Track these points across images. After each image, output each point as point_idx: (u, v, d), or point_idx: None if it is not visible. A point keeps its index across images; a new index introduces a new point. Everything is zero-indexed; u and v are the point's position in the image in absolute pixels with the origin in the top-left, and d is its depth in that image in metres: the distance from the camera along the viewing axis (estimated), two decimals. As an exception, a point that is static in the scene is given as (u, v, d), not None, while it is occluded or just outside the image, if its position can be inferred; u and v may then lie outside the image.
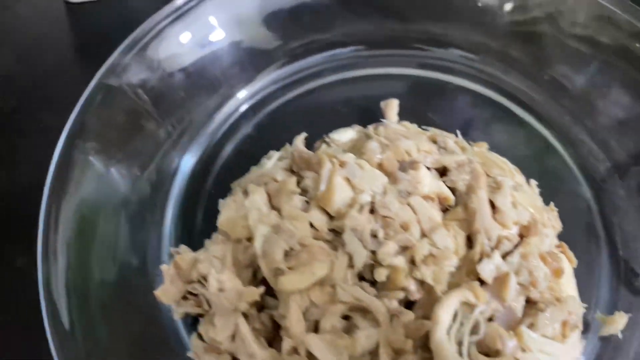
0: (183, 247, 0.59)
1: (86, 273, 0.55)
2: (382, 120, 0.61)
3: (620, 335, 0.55)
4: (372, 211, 0.49)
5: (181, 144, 0.68)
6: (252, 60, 0.74)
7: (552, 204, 0.56)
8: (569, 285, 0.52)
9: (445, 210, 0.51)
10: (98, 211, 0.58)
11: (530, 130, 0.70)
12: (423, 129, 0.60)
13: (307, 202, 0.51)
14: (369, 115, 0.71)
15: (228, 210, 0.54)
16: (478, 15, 0.73)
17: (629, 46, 0.66)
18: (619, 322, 0.55)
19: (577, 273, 0.56)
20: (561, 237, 0.58)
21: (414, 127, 0.59)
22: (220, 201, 0.57)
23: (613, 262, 0.62)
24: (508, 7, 0.73)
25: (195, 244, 0.62)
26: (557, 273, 0.49)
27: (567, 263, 0.53)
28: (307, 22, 0.76)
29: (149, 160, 0.65)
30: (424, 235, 0.48)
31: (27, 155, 0.72)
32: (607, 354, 0.57)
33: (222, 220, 0.54)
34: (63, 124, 0.72)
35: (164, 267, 0.57)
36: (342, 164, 0.50)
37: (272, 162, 0.56)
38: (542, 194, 0.60)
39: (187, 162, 0.68)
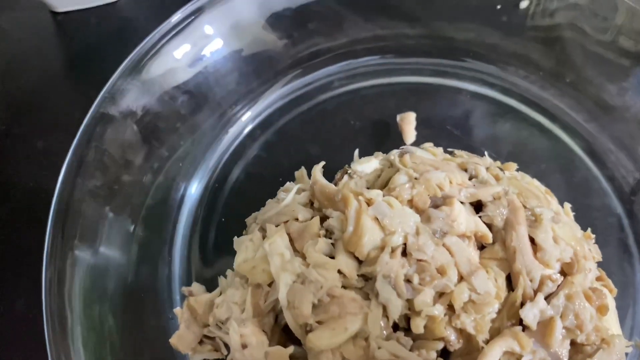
0: (196, 286, 0.56)
1: (97, 324, 0.52)
2: (404, 146, 0.57)
3: (660, 363, 0.53)
4: (405, 253, 0.45)
5: (186, 170, 0.64)
6: (256, 73, 0.69)
7: (589, 230, 0.53)
8: (612, 320, 0.49)
9: (481, 247, 0.48)
10: (104, 259, 0.54)
11: (554, 140, 0.67)
12: (449, 152, 0.56)
13: (332, 244, 0.47)
14: (383, 127, 0.67)
15: (245, 252, 0.50)
16: (496, 18, 0.68)
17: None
18: (658, 349, 0.53)
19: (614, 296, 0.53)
20: (595, 259, 0.55)
21: (439, 151, 0.54)
22: (236, 239, 0.53)
23: (649, 282, 0.59)
24: (524, 4, 0.68)
25: (209, 279, 0.59)
26: (602, 310, 0.46)
27: (609, 295, 0.49)
28: (313, 27, 0.71)
29: (153, 191, 0.60)
30: (462, 278, 0.44)
31: (20, 184, 0.68)
32: (647, 382, 0.55)
33: (239, 262, 0.50)
34: (55, 148, 0.68)
35: (177, 311, 0.53)
36: (370, 202, 0.47)
37: (291, 197, 0.51)
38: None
39: (194, 189, 0.64)
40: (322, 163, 0.54)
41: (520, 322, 0.44)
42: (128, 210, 0.57)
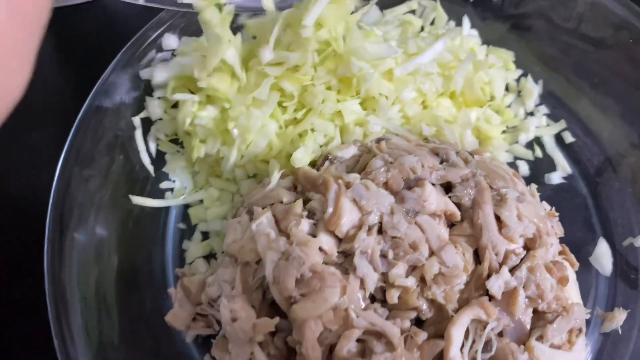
0: (188, 268, 0.59)
1: (96, 306, 0.55)
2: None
3: (619, 331, 0.57)
4: (380, 231, 0.49)
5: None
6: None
7: (553, 209, 0.57)
8: (572, 291, 0.53)
9: (451, 225, 0.52)
10: (101, 240, 0.58)
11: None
12: (423, 139, 0.60)
13: (314, 224, 0.51)
14: None
15: (234, 233, 0.54)
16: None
17: (620, 38, 0.66)
18: (618, 318, 0.57)
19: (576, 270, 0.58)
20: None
21: (414, 138, 0.58)
22: (224, 222, 0.57)
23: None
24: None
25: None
26: (563, 282, 0.50)
27: (570, 268, 0.54)
28: None
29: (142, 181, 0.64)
30: (432, 253, 0.48)
31: (18, 178, 0.71)
32: (608, 349, 0.60)
33: (228, 243, 0.54)
34: (50, 142, 0.71)
35: (171, 291, 0.57)
36: (348, 185, 0.50)
37: (275, 181, 0.55)
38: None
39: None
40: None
41: (487, 293, 0.48)
42: (121, 199, 0.61)
